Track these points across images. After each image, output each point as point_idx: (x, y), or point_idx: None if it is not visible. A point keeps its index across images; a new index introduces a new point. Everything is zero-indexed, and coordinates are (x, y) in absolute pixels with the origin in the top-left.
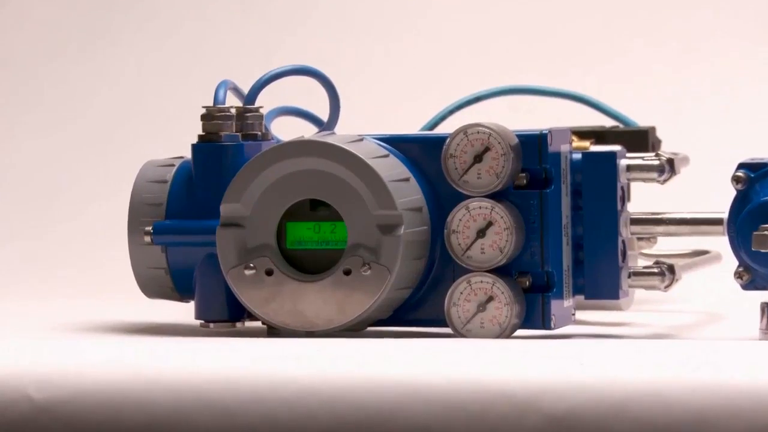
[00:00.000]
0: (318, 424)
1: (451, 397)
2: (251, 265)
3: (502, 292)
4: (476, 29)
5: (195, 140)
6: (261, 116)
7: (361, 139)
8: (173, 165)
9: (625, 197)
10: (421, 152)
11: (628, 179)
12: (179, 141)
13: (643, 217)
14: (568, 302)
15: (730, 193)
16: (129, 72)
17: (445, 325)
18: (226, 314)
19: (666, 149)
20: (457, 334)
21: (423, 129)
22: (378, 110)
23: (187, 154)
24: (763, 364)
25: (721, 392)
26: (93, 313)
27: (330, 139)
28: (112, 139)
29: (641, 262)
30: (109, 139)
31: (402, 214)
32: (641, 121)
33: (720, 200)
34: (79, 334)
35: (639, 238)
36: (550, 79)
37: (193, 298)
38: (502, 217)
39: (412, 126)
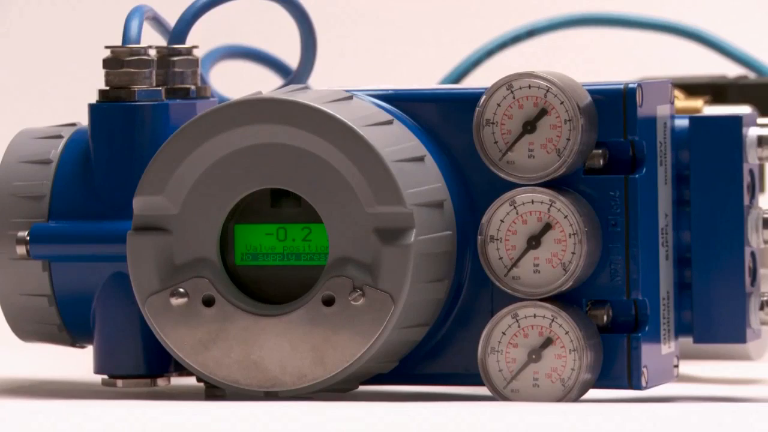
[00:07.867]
0: None
1: None
2: (181, 290)
3: (567, 333)
4: None
5: (94, 98)
6: (195, 61)
7: (351, 97)
8: (61, 137)
9: (756, 186)
10: (442, 117)
11: (762, 158)
12: (70, 100)
13: None
14: (667, 348)
15: None
16: None
17: (480, 384)
18: (141, 366)
19: None
20: (498, 396)
21: (445, 81)
22: (377, 54)
23: (83, 120)
24: None
25: None
26: None
27: (302, 98)
28: None
29: None
30: None
31: (413, 213)
32: None
33: None
34: None
35: None
36: (640, 6)
37: (91, 342)
38: (566, 217)
39: (428, 77)
